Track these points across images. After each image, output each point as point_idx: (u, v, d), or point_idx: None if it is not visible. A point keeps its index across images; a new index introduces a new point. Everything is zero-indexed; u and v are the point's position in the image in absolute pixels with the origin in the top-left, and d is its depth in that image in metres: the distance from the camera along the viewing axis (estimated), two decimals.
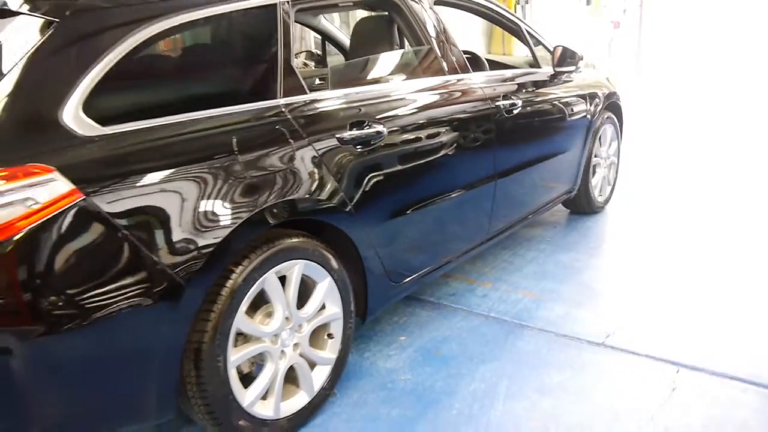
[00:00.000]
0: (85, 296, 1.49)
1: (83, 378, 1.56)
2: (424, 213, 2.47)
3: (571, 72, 3.48)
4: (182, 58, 1.85)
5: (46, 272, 1.44)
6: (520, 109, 2.92)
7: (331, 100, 2.17)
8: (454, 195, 2.60)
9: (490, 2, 3.14)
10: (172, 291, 1.61)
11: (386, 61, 2.57)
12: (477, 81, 2.77)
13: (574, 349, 2.53)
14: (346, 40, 3.65)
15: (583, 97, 3.59)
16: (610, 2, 10.65)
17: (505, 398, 2.22)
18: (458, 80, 2.69)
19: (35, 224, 1.42)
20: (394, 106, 2.34)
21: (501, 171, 2.86)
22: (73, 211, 1.47)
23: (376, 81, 2.40)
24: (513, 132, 2.94)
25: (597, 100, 3.73)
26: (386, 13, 2.68)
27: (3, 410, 1.50)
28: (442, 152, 2.50)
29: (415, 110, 2.43)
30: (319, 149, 2.01)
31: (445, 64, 2.65)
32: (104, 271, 1.52)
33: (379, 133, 2.19)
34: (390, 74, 2.50)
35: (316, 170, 1.99)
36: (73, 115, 1.54)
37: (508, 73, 3.11)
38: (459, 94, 2.65)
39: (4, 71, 1.52)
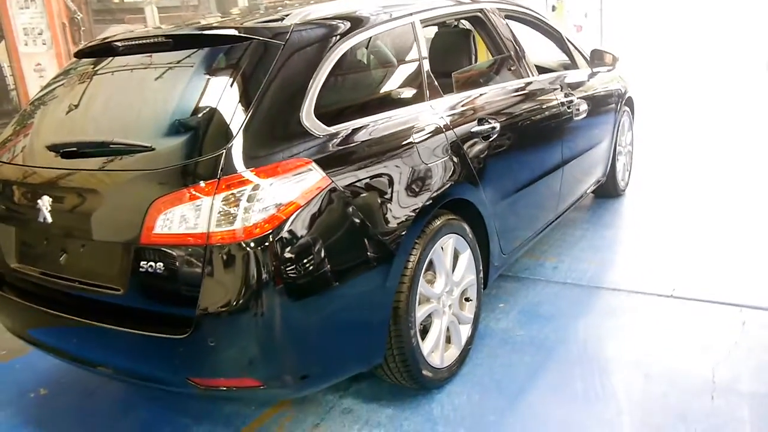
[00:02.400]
0: (334, 265, 1.86)
1: (331, 332, 1.93)
2: (523, 193, 2.92)
3: (606, 71, 4.00)
4: (363, 68, 2.24)
5: (310, 247, 1.81)
6: (575, 104, 3.40)
7: (459, 101, 2.59)
8: (542, 179, 3.06)
9: (541, 15, 3.62)
10: (389, 259, 2.01)
11: (487, 68, 3.02)
12: (545, 82, 3.24)
13: (650, 302, 3.00)
14: None
15: (611, 92, 4.11)
16: (572, 7, 11.39)
17: (611, 339, 2.68)
18: (534, 82, 3.15)
19: (302, 207, 1.79)
20: (499, 105, 2.79)
21: (566, 159, 3.34)
22: (325, 196, 1.84)
23: (482, 84, 2.84)
24: (571, 124, 3.41)
25: (619, 95, 4.25)
26: (466, 26, 3.12)
27: (265, 361, 1.84)
28: (535, 143, 2.98)
29: (513, 108, 2.87)
30: (462, 141, 2.43)
31: (521, 69, 3.10)
32: (347, 243, 1.90)
33: (493, 128, 2.62)
34: (490, 79, 2.94)
35: (464, 158, 2.41)
36: (309, 118, 1.92)
37: (562, 73, 3.59)
38: (538, 93, 3.12)
39: (248, 90, 1.88)
